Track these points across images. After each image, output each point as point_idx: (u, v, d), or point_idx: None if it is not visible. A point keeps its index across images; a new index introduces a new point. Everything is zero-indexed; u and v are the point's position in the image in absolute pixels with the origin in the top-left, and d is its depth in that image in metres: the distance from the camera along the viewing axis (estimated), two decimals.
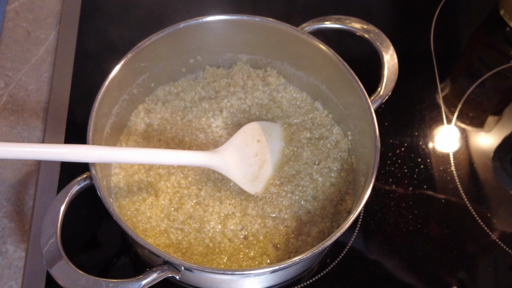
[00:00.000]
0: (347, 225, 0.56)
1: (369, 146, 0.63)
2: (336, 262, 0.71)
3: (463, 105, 0.85)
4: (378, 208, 0.75)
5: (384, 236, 0.72)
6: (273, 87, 0.75)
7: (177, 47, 0.71)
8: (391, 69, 0.68)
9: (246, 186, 0.67)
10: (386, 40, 0.69)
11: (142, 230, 0.64)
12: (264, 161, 0.69)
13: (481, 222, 0.74)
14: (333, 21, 0.70)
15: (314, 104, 0.75)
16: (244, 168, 0.67)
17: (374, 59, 0.69)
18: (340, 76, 0.67)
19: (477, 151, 0.81)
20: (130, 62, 0.65)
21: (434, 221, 0.74)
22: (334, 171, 0.69)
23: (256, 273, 0.57)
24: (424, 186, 0.77)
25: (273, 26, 0.69)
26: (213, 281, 0.62)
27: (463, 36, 0.95)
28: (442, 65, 0.88)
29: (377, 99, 0.66)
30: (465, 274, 0.71)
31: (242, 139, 0.68)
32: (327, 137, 0.72)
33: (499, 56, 0.90)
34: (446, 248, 0.72)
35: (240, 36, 0.72)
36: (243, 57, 0.76)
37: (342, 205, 0.68)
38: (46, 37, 0.86)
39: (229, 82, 0.75)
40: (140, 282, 0.54)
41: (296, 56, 0.72)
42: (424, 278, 0.70)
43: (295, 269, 0.65)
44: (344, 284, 0.69)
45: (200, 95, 0.75)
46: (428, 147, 0.80)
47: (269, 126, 0.72)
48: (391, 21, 0.93)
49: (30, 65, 0.83)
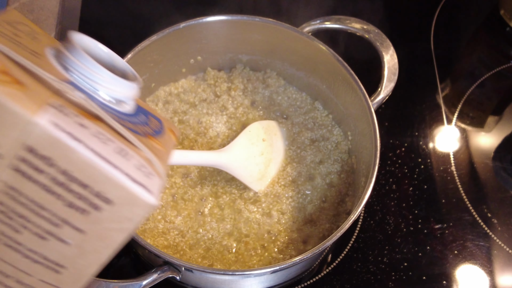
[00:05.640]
0: (347, 225, 0.56)
1: (369, 146, 0.63)
2: (337, 262, 0.71)
3: (463, 105, 0.85)
4: (378, 208, 0.75)
5: (384, 236, 0.73)
6: (273, 88, 0.75)
7: (177, 47, 0.71)
8: (391, 69, 0.68)
9: (253, 185, 0.67)
10: (386, 40, 0.69)
11: (141, 231, 0.64)
12: (270, 160, 0.69)
13: (481, 222, 0.74)
14: (333, 21, 0.70)
15: (314, 104, 0.75)
16: (250, 166, 0.67)
17: (374, 59, 0.69)
18: (340, 76, 0.68)
19: (477, 151, 0.81)
20: (130, 62, 0.65)
21: (434, 221, 0.74)
22: (335, 173, 0.70)
23: (256, 274, 0.57)
24: (424, 186, 0.77)
25: (273, 26, 0.69)
26: (213, 281, 0.62)
27: (463, 36, 0.95)
28: (442, 65, 0.88)
29: (377, 99, 0.66)
30: (465, 274, 0.71)
31: (248, 138, 0.69)
32: (328, 138, 0.72)
33: (499, 56, 0.90)
34: (446, 248, 0.72)
35: (240, 37, 0.72)
36: (243, 57, 0.76)
37: (342, 207, 0.68)
38: None
39: (229, 86, 0.75)
40: (140, 283, 0.54)
41: (296, 57, 0.72)
42: (424, 278, 0.70)
43: (295, 270, 0.65)
44: (345, 284, 0.69)
45: (201, 96, 0.75)
46: (428, 147, 0.80)
47: (273, 125, 0.72)
48: (391, 21, 0.93)
49: None
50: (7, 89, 0.30)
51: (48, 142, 0.31)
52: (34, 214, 0.34)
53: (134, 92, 0.39)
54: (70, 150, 0.31)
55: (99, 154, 0.32)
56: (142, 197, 0.33)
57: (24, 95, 0.31)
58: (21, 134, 0.31)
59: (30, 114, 0.30)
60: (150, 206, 0.34)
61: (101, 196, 0.33)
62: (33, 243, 0.35)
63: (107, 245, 0.36)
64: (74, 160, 0.32)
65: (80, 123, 0.32)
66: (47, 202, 0.33)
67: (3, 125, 0.30)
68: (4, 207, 0.34)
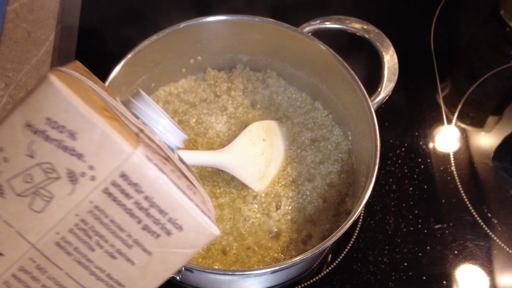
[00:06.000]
0: (347, 225, 0.56)
1: (369, 146, 0.63)
2: (337, 262, 0.71)
3: (463, 105, 0.85)
4: (378, 208, 0.75)
5: (384, 236, 0.73)
6: (273, 88, 0.75)
7: (177, 47, 0.71)
8: (391, 69, 0.68)
9: (253, 185, 0.67)
10: (386, 40, 0.69)
11: None
12: (270, 160, 0.69)
13: (481, 222, 0.74)
14: (333, 22, 0.70)
15: (314, 104, 0.75)
16: (250, 166, 0.67)
17: (374, 59, 0.69)
18: (340, 76, 0.68)
19: (478, 151, 0.81)
20: (130, 62, 0.65)
21: (434, 221, 0.74)
22: (335, 173, 0.70)
23: (256, 274, 0.57)
24: (425, 186, 0.77)
25: (273, 26, 0.69)
26: (213, 281, 0.62)
27: (463, 36, 0.95)
28: (442, 65, 0.88)
29: (377, 99, 0.66)
30: (465, 274, 0.71)
31: (248, 138, 0.69)
32: (328, 138, 0.72)
33: (499, 56, 0.90)
34: (446, 248, 0.72)
35: (240, 37, 0.72)
36: (243, 57, 0.76)
37: (342, 207, 0.68)
38: (46, 38, 0.86)
39: (229, 86, 0.75)
40: None
41: (296, 57, 0.72)
42: (424, 278, 0.70)
43: (295, 270, 0.65)
44: (345, 284, 0.69)
45: (201, 97, 0.75)
46: (428, 147, 0.80)
47: (274, 125, 0.72)
48: (391, 21, 0.94)
49: (30, 65, 0.83)
50: (112, 123, 0.35)
51: (140, 172, 0.35)
52: (111, 234, 0.37)
53: (183, 143, 0.44)
54: (157, 180, 0.36)
55: (178, 186, 0.37)
56: (208, 227, 0.38)
57: (124, 130, 0.36)
58: (121, 163, 0.35)
59: (131, 147, 0.35)
60: (214, 235, 0.38)
61: (174, 222, 0.37)
62: (103, 261, 0.38)
63: (167, 268, 0.39)
64: (158, 189, 0.36)
65: (161, 159, 0.37)
66: (126, 224, 0.37)
67: (106, 153, 0.35)
68: (86, 225, 0.37)
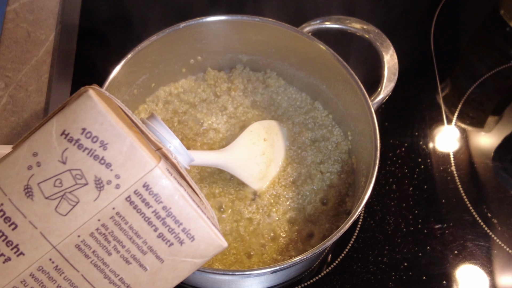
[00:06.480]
0: (347, 225, 0.56)
1: (369, 146, 0.63)
2: (337, 262, 0.71)
3: (463, 105, 0.85)
4: (378, 208, 0.75)
5: (384, 236, 0.73)
6: (273, 89, 0.75)
7: (177, 47, 0.71)
8: (391, 69, 0.68)
9: (254, 185, 0.67)
10: (386, 40, 0.69)
11: None
12: (271, 160, 0.69)
13: (481, 222, 0.74)
14: (333, 21, 0.70)
15: (314, 104, 0.75)
16: (251, 166, 0.67)
17: (374, 59, 0.69)
18: (340, 76, 0.67)
19: (478, 151, 0.81)
20: (130, 62, 0.65)
21: (434, 221, 0.74)
22: (335, 173, 0.69)
23: (256, 274, 0.57)
24: (424, 186, 0.77)
25: (273, 26, 0.69)
26: (213, 281, 0.62)
27: (463, 36, 0.95)
28: (442, 65, 0.88)
29: (377, 99, 0.66)
30: (465, 274, 0.71)
31: (249, 138, 0.69)
32: (328, 138, 0.72)
33: (499, 56, 0.90)
34: (446, 248, 0.72)
35: (240, 37, 0.72)
36: (243, 57, 0.76)
37: (342, 207, 0.68)
38: (46, 38, 0.86)
39: (229, 86, 0.75)
40: None
41: (296, 57, 0.72)
42: (424, 278, 0.70)
43: (295, 270, 0.65)
44: (345, 284, 0.69)
45: (201, 97, 0.75)
46: (428, 147, 0.80)
47: (274, 125, 0.72)
48: (391, 21, 0.94)
49: (30, 66, 0.83)
50: (139, 137, 0.39)
51: (161, 183, 0.39)
52: (129, 240, 0.40)
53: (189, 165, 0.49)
54: (176, 192, 0.39)
55: (193, 199, 0.40)
56: (218, 239, 0.41)
57: (147, 145, 0.40)
58: (145, 174, 0.39)
59: (155, 160, 0.39)
60: (222, 247, 0.42)
61: (187, 232, 0.40)
62: (118, 265, 0.41)
63: (176, 276, 0.42)
64: (175, 200, 0.40)
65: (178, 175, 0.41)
66: (144, 231, 0.40)
67: (132, 164, 0.38)
68: (106, 230, 0.40)
